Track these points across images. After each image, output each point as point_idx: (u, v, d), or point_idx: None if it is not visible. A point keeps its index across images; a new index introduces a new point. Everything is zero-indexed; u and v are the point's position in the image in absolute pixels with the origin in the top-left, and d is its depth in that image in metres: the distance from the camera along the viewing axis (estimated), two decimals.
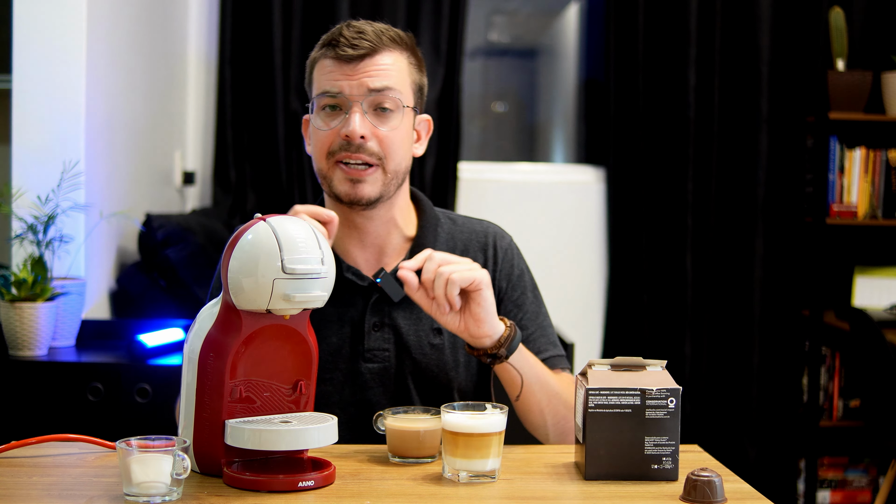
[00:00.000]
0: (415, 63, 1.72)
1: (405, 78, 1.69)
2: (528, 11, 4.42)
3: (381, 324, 1.69)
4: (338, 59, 1.65)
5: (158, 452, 1.28)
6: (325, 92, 1.65)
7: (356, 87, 1.64)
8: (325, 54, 1.67)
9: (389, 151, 1.66)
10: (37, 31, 2.67)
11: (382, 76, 1.65)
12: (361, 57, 1.64)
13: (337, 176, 1.66)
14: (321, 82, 1.67)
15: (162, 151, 3.48)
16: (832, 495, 3.88)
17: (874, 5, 3.88)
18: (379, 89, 1.64)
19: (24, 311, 2.43)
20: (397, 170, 1.68)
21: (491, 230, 1.81)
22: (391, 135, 1.65)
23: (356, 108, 1.64)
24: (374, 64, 1.65)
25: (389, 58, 1.67)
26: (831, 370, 3.86)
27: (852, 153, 3.83)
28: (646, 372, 1.46)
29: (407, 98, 1.68)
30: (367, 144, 1.64)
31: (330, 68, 1.66)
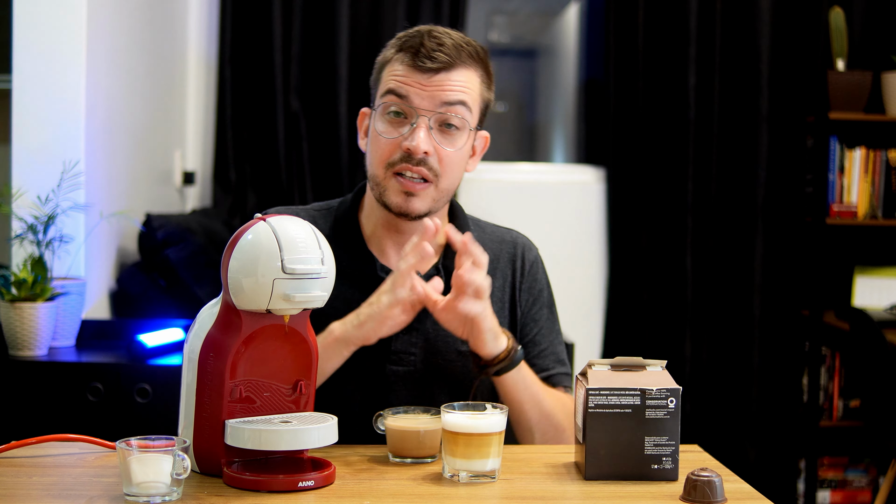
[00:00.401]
0: (486, 80, 1.70)
1: (476, 97, 1.67)
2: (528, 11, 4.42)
3: (410, 327, 1.68)
4: (413, 66, 1.63)
5: (158, 452, 1.28)
6: (394, 92, 1.63)
7: (427, 99, 1.62)
8: (402, 59, 1.64)
9: (447, 170, 1.65)
10: (37, 31, 2.67)
11: (456, 93, 1.63)
12: (438, 70, 1.62)
13: (392, 187, 1.66)
14: (392, 82, 1.64)
15: (162, 151, 3.48)
16: (832, 495, 3.88)
17: (874, 5, 3.88)
18: (451, 103, 1.63)
19: (24, 311, 2.43)
20: (450, 188, 1.68)
21: (520, 241, 1.82)
22: (453, 154, 1.65)
23: (423, 122, 1.62)
24: (450, 79, 1.63)
25: (465, 75, 1.65)
26: (831, 370, 3.86)
27: (852, 153, 3.83)
28: (646, 372, 1.46)
29: (474, 117, 1.67)
30: (427, 160, 1.63)
31: (403, 73, 1.64)
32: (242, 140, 3.72)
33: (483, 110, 1.71)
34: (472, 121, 1.66)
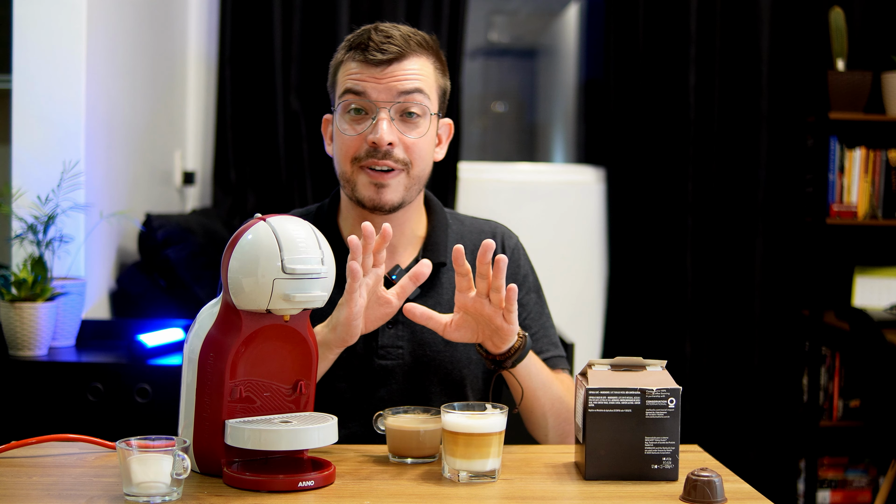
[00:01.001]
0: (439, 67, 1.73)
1: (432, 83, 1.69)
2: (528, 11, 4.42)
3: (395, 321, 1.70)
4: (365, 62, 1.65)
5: (158, 452, 1.28)
6: (351, 90, 1.65)
7: (384, 91, 1.64)
8: (353, 57, 1.67)
9: (415, 157, 1.67)
10: (37, 31, 2.67)
11: (411, 81, 1.66)
12: (390, 61, 1.64)
13: (361, 181, 1.67)
14: (348, 81, 1.66)
15: (162, 151, 3.48)
16: (832, 495, 3.88)
17: (874, 5, 3.88)
18: (408, 92, 1.65)
19: (24, 311, 2.43)
20: (420, 175, 1.69)
21: (499, 230, 1.83)
22: (418, 142, 1.67)
23: (384, 114, 1.64)
24: (402, 69, 1.65)
25: (417, 63, 1.67)
26: (831, 370, 3.86)
27: (852, 153, 3.83)
28: (646, 372, 1.46)
29: (433, 103, 1.70)
30: (393, 151, 1.65)
31: (357, 70, 1.66)
32: (242, 140, 3.72)
33: (441, 97, 1.73)
34: (433, 106, 1.69)
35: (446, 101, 1.76)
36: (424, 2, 3.70)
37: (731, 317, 3.87)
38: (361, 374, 1.69)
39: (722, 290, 3.87)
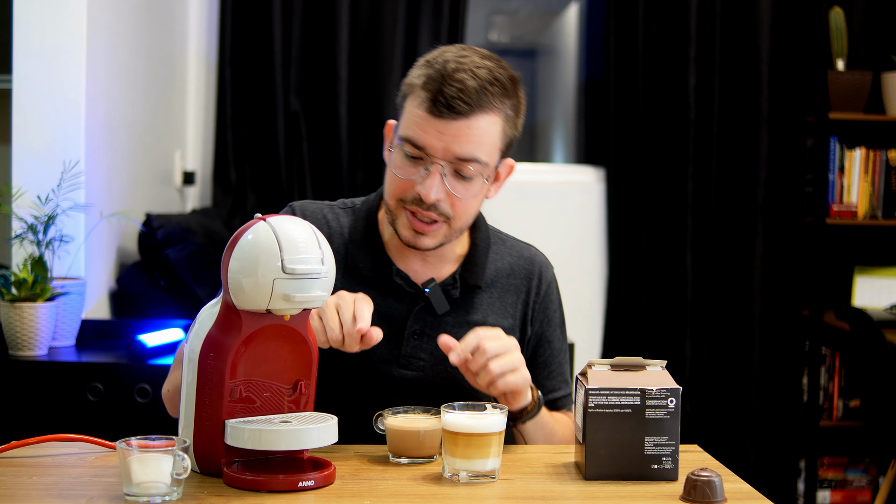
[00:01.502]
0: (512, 115, 1.64)
1: (496, 142, 1.62)
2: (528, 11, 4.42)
3: (422, 332, 1.69)
4: (431, 113, 1.57)
5: (158, 452, 1.27)
6: (411, 140, 1.60)
7: (442, 149, 1.58)
8: (422, 99, 1.59)
9: (459, 213, 1.63)
10: (37, 31, 2.67)
11: (472, 144, 1.58)
12: (455, 118, 1.57)
13: (402, 220, 1.64)
14: (410, 126, 1.60)
15: (162, 151, 3.48)
16: (832, 495, 3.88)
17: (874, 5, 3.88)
18: (465, 159, 1.59)
19: (24, 311, 2.43)
20: (463, 227, 1.67)
21: (538, 260, 1.81)
22: (466, 199, 1.62)
23: (436, 170, 1.59)
24: (467, 128, 1.58)
25: (485, 121, 1.59)
26: (831, 370, 3.86)
27: (852, 153, 3.83)
28: (646, 372, 1.46)
29: (492, 162, 1.63)
30: (439, 205, 1.61)
31: (421, 118, 1.59)
32: (242, 140, 3.72)
33: (507, 147, 1.66)
34: (489, 168, 1.63)
35: (514, 144, 1.70)
36: (424, 2, 3.70)
37: (731, 317, 3.87)
38: (380, 380, 1.68)
39: (722, 290, 3.87)
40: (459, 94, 1.56)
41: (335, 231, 1.73)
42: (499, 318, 1.73)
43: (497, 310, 1.74)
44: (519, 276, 1.77)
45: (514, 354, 1.54)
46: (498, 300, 1.74)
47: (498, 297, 1.74)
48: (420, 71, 1.62)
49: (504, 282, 1.75)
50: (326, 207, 1.77)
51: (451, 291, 1.70)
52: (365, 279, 1.68)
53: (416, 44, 3.69)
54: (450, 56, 1.60)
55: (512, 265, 1.77)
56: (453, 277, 1.72)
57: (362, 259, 1.69)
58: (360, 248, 1.70)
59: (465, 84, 1.57)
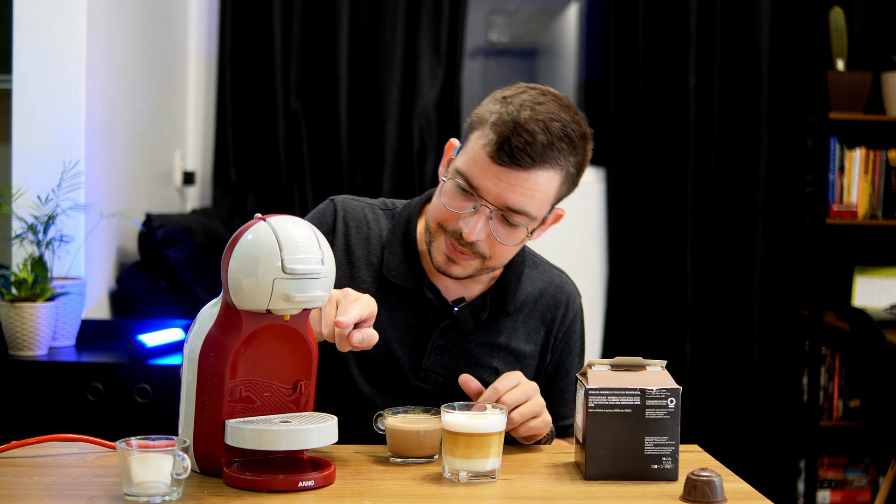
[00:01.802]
0: (573, 173, 1.60)
1: (549, 197, 1.58)
2: (528, 11, 4.42)
3: (444, 348, 1.68)
4: (493, 158, 1.53)
5: (158, 452, 1.28)
6: (466, 177, 1.56)
7: (494, 195, 1.54)
8: (489, 141, 1.54)
9: (496, 255, 1.61)
10: (37, 31, 2.67)
11: (525, 198, 1.55)
12: (516, 168, 1.53)
13: (438, 245, 1.62)
14: (469, 163, 1.56)
15: (162, 151, 3.48)
16: (832, 495, 3.88)
17: (874, 5, 3.88)
18: (515, 210, 1.55)
19: (24, 311, 2.43)
20: (497, 266, 1.64)
21: (566, 287, 1.79)
22: (506, 246, 1.60)
23: (483, 212, 1.56)
24: (525, 181, 1.54)
25: (544, 177, 1.55)
26: (831, 370, 3.86)
27: (852, 153, 3.83)
28: (646, 372, 1.46)
29: (541, 215, 1.59)
30: (477, 244, 1.58)
31: (483, 158, 1.54)
32: (242, 140, 3.72)
33: (559, 199, 1.63)
34: (536, 221, 1.60)
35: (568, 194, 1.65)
36: (424, 2, 3.70)
37: (731, 317, 3.87)
38: (397, 389, 1.67)
39: (722, 290, 3.87)
40: (526, 146, 1.52)
41: (374, 233, 1.71)
42: (521, 342, 1.73)
43: (521, 334, 1.73)
44: (546, 303, 1.76)
45: (535, 399, 1.55)
46: (523, 325, 1.73)
47: (523, 323, 1.73)
48: (494, 107, 1.57)
49: (531, 307, 1.74)
50: (367, 207, 1.74)
51: (479, 313, 1.69)
52: (395, 287, 1.67)
53: (416, 44, 3.69)
54: (527, 99, 1.56)
55: (542, 291, 1.76)
56: (483, 299, 1.70)
57: (396, 267, 1.67)
58: (396, 256, 1.68)
59: (535, 137, 1.52)
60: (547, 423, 1.58)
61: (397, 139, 3.72)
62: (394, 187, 3.70)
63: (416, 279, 1.67)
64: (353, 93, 3.69)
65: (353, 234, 1.70)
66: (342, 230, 1.70)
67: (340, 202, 1.74)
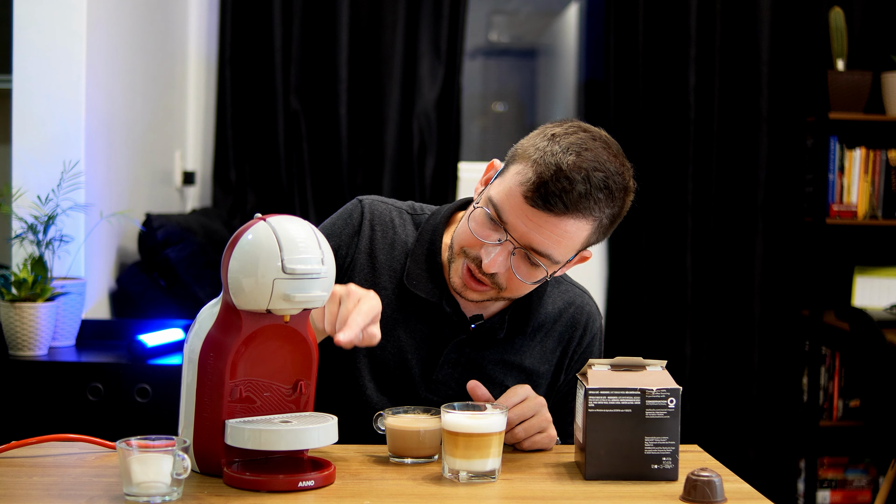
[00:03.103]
0: (606, 224, 1.56)
1: (577, 245, 1.56)
2: (528, 11, 4.42)
3: (457, 362, 1.67)
4: (528, 198, 1.50)
5: (158, 452, 1.28)
6: (497, 209, 1.54)
7: (521, 234, 1.52)
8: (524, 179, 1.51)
9: (512, 289, 1.59)
10: (37, 31, 2.67)
11: (551, 242, 1.52)
12: (547, 213, 1.50)
13: (458, 268, 1.60)
14: (502, 197, 1.54)
15: (162, 151, 3.48)
16: (832, 495, 3.88)
17: (874, 5, 3.88)
18: (538, 252, 1.53)
19: (24, 311, 2.43)
20: (512, 297, 1.63)
21: (587, 308, 1.77)
22: (523, 283, 1.58)
23: (506, 247, 1.54)
24: (553, 227, 1.51)
25: (574, 226, 1.52)
26: (831, 370, 3.86)
27: (852, 153, 3.83)
28: (646, 372, 1.46)
29: (564, 260, 1.57)
30: (496, 276, 1.57)
31: (516, 196, 1.51)
32: (242, 140, 3.72)
33: (585, 246, 1.59)
34: (559, 266, 1.57)
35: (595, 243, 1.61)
36: (424, 2, 3.70)
37: (731, 317, 3.87)
38: (406, 398, 1.66)
39: (722, 290, 3.87)
40: (563, 194, 1.48)
41: (399, 239, 1.69)
42: (536, 362, 1.71)
43: (536, 354, 1.71)
44: (565, 324, 1.74)
45: (542, 415, 1.55)
46: (539, 345, 1.72)
47: (539, 342, 1.72)
48: (539, 143, 1.53)
49: (549, 326, 1.73)
50: (395, 211, 1.72)
51: (497, 331, 1.68)
52: (415, 297, 1.66)
53: (416, 44, 3.69)
54: (574, 142, 1.51)
55: (561, 310, 1.74)
56: (502, 318, 1.68)
57: (418, 277, 1.65)
58: (418, 266, 1.66)
59: (574, 187, 1.48)
60: (552, 439, 1.58)
61: (397, 139, 3.72)
62: (394, 187, 3.70)
63: (436, 292, 1.66)
64: (353, 93, 3.70)
65: (378, 238, 1.69)
66: (367, 233, 1.69)
67: (368, 204, 1.72)
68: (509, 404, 1.52)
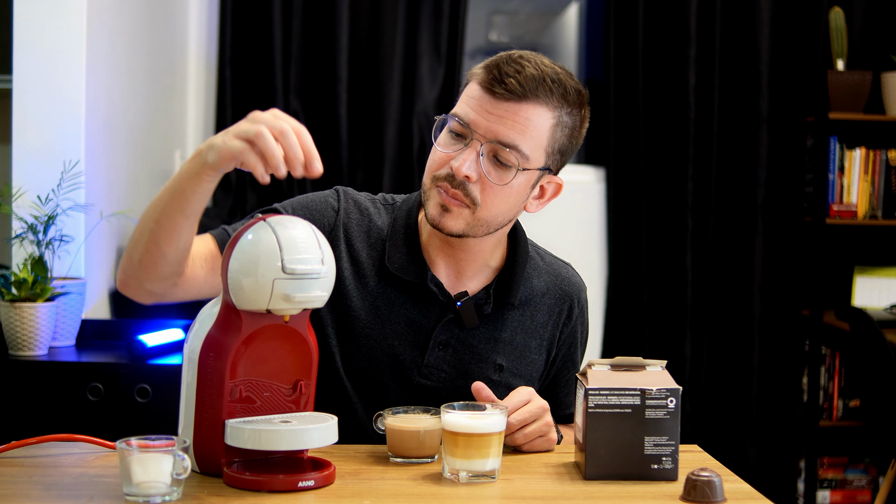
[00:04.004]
0: (568, 122, 1.59)
1: (542, 138, 1.57)
2: (528, 11, 4.42)
3: (447, 344, 1.66)
4: (485, 89, 1.55)
5: (158, 452, 1.28)
6: (458, 116, 1.57)
7: (484, 128, 1.55)
8: (480, 77, 1.57)
9: (487, 201, 1.58)
10: (37, 31, 2.67)
11: (516, 132, 1.55)
12: (507, 98, 1.54)
13: (433, 197, 1.60)
14: (461, 104, 1.59)
15: (162, 151, 3.48)
16: (832, 495, 3.88)
17: (874, 5, 3.88)
18: (504, 144, 1.55)
19: (24, 311, 2.43)
20: (489, 220, 1.61)
21: (574, 280, 1.77)
22: (497, 187, 1.57)
23: (474, 146, 1.55)
24: (514, 113, 1.54)
25: (534, 113, 1.55)
26: (831, 370, 3.86)
27: (852, 153, 3.83)
28: (646, 372, 1.46)
29: (535, 159, 1.57)
30: (468, 185, 1.56)
31: (474, 93, 1.57)
32: None
33: (553, 154, 1.60)
34: (532, 163, 1.57)
35: (566, 159, 1.64)
36: (424, 2, 3.70)
37: (731, 317, 3.87)
38: (401, 386, 1.66)
39: (722, 290, 3.87)
40: (516, 74, 1.54)
41: (375, 227, 1.69)
42: (527, 337, 1.70)
43: (526, 328, 1.70)
44: (553, 297, 1.73)
45: (543, 419, 1.55)
46: (529, 319, 1.71)
47: (529, 317, 1.71)
48: (488, 59, 1.61)
49: (538, 301, 1.72)
50: (369, 201, 1.73)
51: (483, 307, 1.67)
52: (398, 280, 1.65)
53: (416, 44, 3.69)
54: (523, 52, 1.60)
55: (548, 285, 1.74)
56: (487, 292, 1.67)
57: (399, 260, 1.65)
58: (398, 249, 1.66)
59: (525, 70, 1.55)
60: (552, 442, 1.58)
61: (397, 139, 3.72)
62: (394, 187, 3.70)
63: (419, 271, 1.65)
64: (353, 93, 3.70)
65: (353, 225, 1.69)
66: (343, 220, 1.69)
67: (343, 192, 1.74)
68: (511, 408, 1.52)
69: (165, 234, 1.44)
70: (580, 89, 1.61)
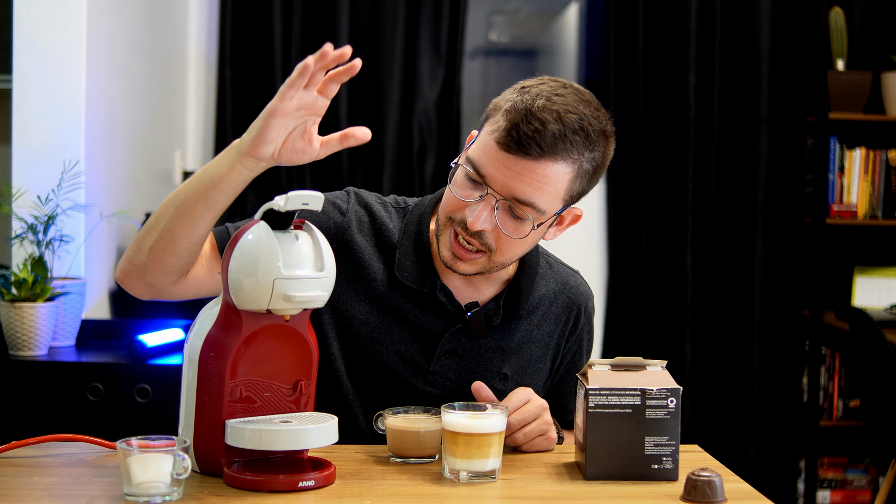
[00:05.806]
0: (588, 168, 1.55)
1: (559, 191, 1.53)
2: (528, 11, 4.42)
3: (454, 352, 1.65)
4: (502, 144, 1.50)
5: (158, 452, 1.28)
6: (474, 165, 1.53)
7: (501, 184, 1.51)
8: (500, 128, 1.51)
9: (503, 249, 1.56)
10: (37, 31, 2.67)
11: (532, 189, 1.51)
12: (524, 157, 1.49)
13: (446, 239, 1.58)
14: (479, 151, 1.54)
15: (162, 151, 3.48)
16: (832, 495, 3.88)
17: (874, 5, 3.88)
18: (521, 201, 1.51)
19: (24, 311, 2.43)
20: (505, 262, 1.60)
21: (581, 290, 1.76)
22: (512, 239, 1.55)
23: (489, 200, 1.52)
24: (532, 171, 1.50)
25: (554, 169, 1.51)
26: (831, 370, 3.86)
27: (852, 153, 3.83)
28: (646, 372, 1.46)
29: (550, 210, 1.55)
30: (483, 234, 1.54)
31: (491, 146, 1.51)
32: None
33: (573, 198, 1.57)
34: (545, 216, 1.55)
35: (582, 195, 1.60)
36: (424, 2, 3.70)
37: (731, 317, 3.87)
38: (404, 393, 1.65)
39: (722, 290, 3.87)
40: (535, 134, 1.48)
41: (385, 231, 1.67)
42: (533, 346, 1.70)
43: (533, 338, 1.70)
44: (560, 305, 1.73)
45: (543, 418, 1.55)
46: (536, 328, 1.70)
47: (536, 325, 1.70)
48: (510, 96, 1.54)
49: (545, 309, 1.71)
50: (380, 204, 1.71)
51: (492, 317, 1.66)
52: (407, 289, 1.64)
53: (416, 44, 3.69)
54: (544, 90, 1.52)
55: (556, 293, 1.73)
56: (497, 303, 1.66)
57: (408, 268, 1.63)
58: (408, 257, 1.64)
59: (546, 127, 1.48)
60: (552, 441, 1.58)
61: (397, 139, 3.72)
62: (394, 187, 3.70)
63: (428, 281, 1.63)
64: (353, 93, 3.70)
65: (362, 228, 1.67)
66: (350, 222, 1.67)
67: (354, 194, 1.72)
68: (511, 408, 1.52)
69: (183, 223, 1.42)
70: (604, 128, 1.58)
